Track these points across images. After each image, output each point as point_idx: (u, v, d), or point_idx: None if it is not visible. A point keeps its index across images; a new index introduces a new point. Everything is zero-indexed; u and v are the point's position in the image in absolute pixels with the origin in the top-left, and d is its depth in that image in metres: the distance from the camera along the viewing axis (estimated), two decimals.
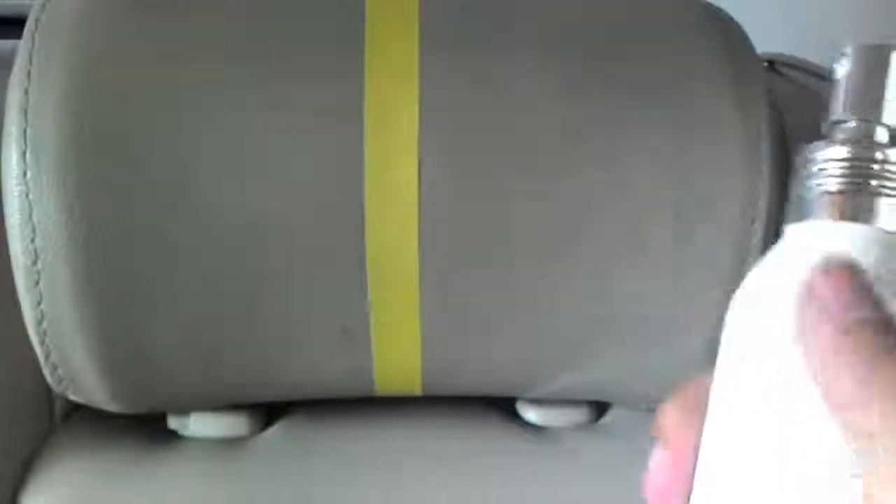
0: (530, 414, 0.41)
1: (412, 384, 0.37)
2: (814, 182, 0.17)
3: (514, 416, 0.42)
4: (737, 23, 0.35)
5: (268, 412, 0.41)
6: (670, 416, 0.19)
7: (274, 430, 0.40)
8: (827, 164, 0.17)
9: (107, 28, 0.31)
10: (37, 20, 0.31)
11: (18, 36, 0.32)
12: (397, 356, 0.35)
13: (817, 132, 0.43)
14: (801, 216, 0.18)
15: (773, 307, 0.17)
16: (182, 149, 0.31)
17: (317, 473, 0.39)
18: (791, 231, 0.18)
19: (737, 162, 0.32)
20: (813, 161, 0.18)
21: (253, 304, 0.33)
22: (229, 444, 0.39)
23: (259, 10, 0.32)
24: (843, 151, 0.17)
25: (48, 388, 0.37)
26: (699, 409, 0.18)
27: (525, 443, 0.40)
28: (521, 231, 0.32)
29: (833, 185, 0.17)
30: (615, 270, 0.33)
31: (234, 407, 0.39)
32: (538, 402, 0.41)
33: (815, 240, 0.17)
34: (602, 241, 0.33)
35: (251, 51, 0.31)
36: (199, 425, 0.39)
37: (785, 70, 0.42)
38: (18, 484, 0.38)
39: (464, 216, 0.32)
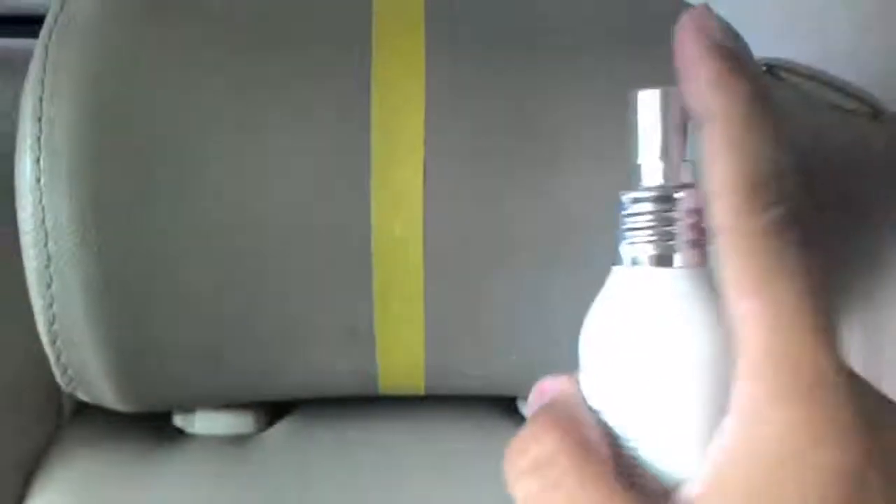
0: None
1: (415, 384, 0.37)
2: (624, 232, 0.19)
3: (516, 415, 0.42)
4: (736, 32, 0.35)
5: (272, 410, 0.41)
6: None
7: (278, 428, 0.41)
8: (630, 218, 0.19)
9: (118, 37, 0.31)
10: (50, 30, 0.31)
11: (28, 35, 0.32)
12: (400, 356, 0.35)
13: (816, 136, 0.44)
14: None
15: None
16: (190, 152, 0.31)
17: (320, 470, 0.39)
18: (616, 273, 0.19)
19: None
20: (622, 209, 0.19)
21: (258, 305, 0.33)
22: (234, 441, 0.40)
23: (267, 14, 0.32)
24: (642, 206, 0.19)
25: (56, 388, 0.37)
26: None
27: None
28: (526, 232, 0.33)
29: (638, 237, 0.19)
30: None
31: (240, 405, 0.40)
32: None
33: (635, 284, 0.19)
34: (608, 244, 0.33)
35: (259, 55, 0.32)
36: (204, 423, 0.40)
37: (783, 74, 0.42)
38: (27, 482, 0.38)
39: (469, 216, 0.33)
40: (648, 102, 0.19)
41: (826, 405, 0.15)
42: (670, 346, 0.17)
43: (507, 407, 0.43)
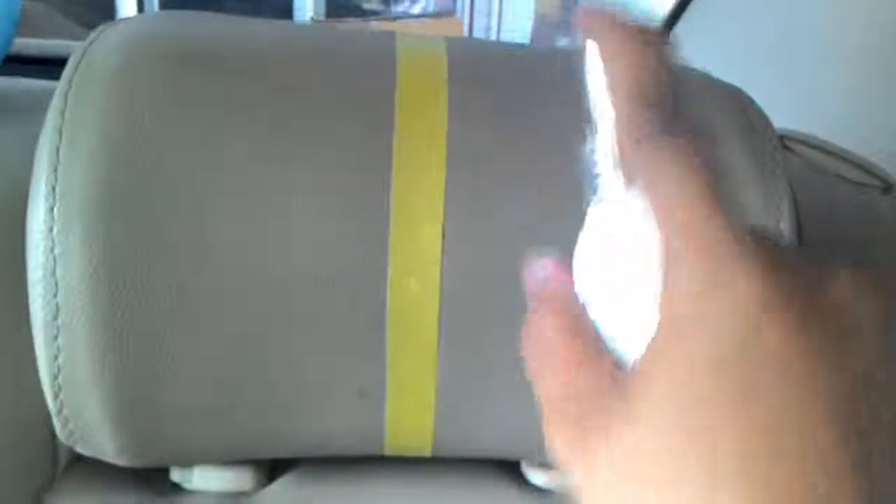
0: (536, 477, 0.41)
1: (422, 445, 0.37)
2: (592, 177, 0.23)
3: (520, 479, 0.42)
4: (760, 109, 0.36)
5: (272, 466, 0.40)
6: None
7: (277, 486, 0.40)
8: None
9: (139, 90, 0.31)
10: (69, 80, 0.31)
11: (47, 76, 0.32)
12: (409, 417, 0.35)
13: (827, 209, 0.44)
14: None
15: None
16: (207, 211, 0.31)
17: None
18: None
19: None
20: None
21: (271, 366, 0.33)
22: (233, 498, 0.39)
23: (290, 75, 0.32)
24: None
25: (52, 438, 0.37)
26: None
27: None
28: None
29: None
30: None
31: (239, 461, 0.39)
32: (544, 465, 0.41)
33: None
34: None
35: (281, 116, 0.32)
36: (202, 479, 0.39)
37: (794, 146, 0.43)
38: None
39: (485, 284, 0.32)
40: (590, 65, 0.22)
41: (723, 259, 0.18)
42: (630, 260, 0.21)
43: (511, 471, 0.42)
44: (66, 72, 0.31)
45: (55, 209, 0.30)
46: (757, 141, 0.34)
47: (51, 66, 0.33)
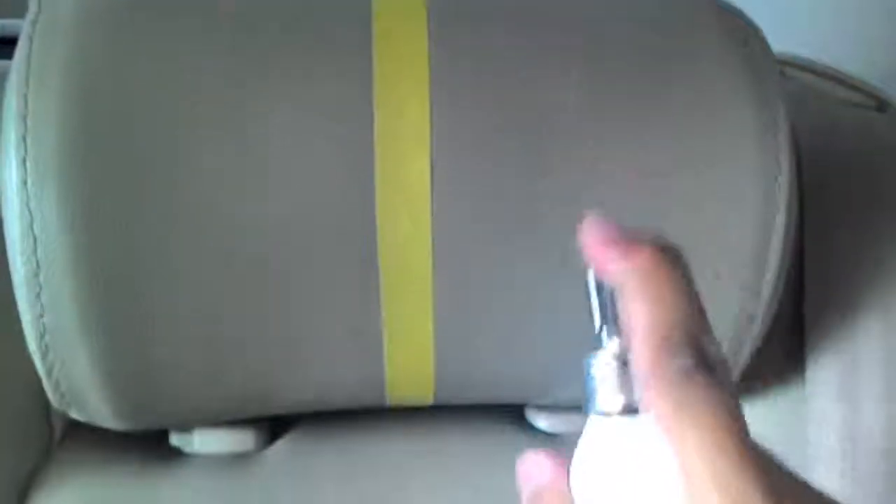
0: (541, 421, 0.41)
1: (424, 393, 0.36)
2: (593, 388, 0.22)
3: (524, 423, 0.41)
4: (759, 31, 0.35)
5: (274, 426, 0.40)
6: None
7: (279, 445, 0.39)
8: (597, 377, 0.22)
9: (105, 30, 0.30)
10: (33, 23, 0.30)
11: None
12: (409, 362, 0.34)
13: (824, 131, 0.43)
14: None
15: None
16: (185, 149, 0.30)
17: (325, 490, 0.38)
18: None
19: (751, 189, 0.33)
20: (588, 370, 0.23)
21: (260, 314, 0.32)
22: (235, 460, 0.38)
23: (266, 11, 0.31)
24: (603, 369, 0.22)
25: (47, 407, 0.36)
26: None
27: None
28: (537, 233, 0.32)
29: (604, 392, 0.22)
30: None
31: (240, 422, 0.38)
32: (548, 408, 0.40)
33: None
34: None
35: (255, 50, 0.31)
36: (203, 442, 0.38)
37: (788, 70, 0.42)
38: None
39: (478, 215, 0.31)
40: (591, 280, 0.23)
41: None
42: (641, 483, 0.20)
43: (516, 416, 0.41)
44: (29, 16, 0.30)
45: (27, 160, 0.29)
46: (757, 71, 0.33)
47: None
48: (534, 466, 0.23)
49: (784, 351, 0.40)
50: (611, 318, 0.22)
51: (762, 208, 0.32)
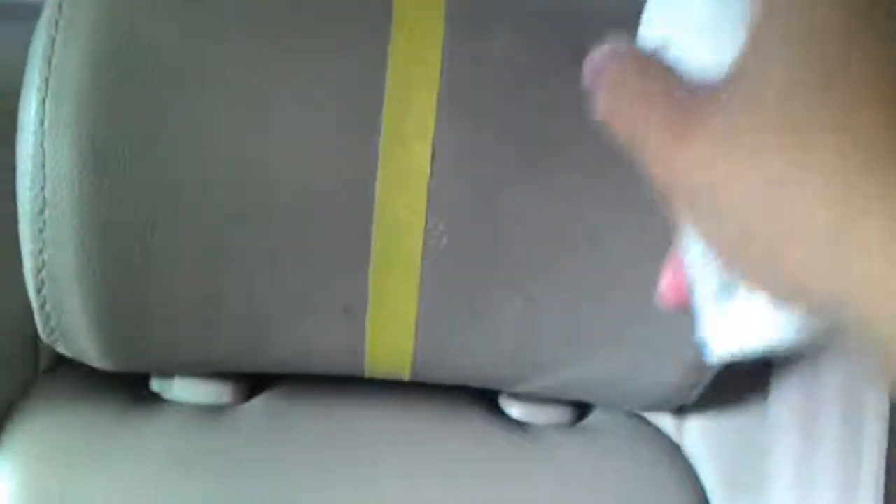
0: (513, 410, 0.42)
1: (401, 368, 0.37)
2: None
3: (497, 410, 0.42)
4: None
5: (253, 383, 0.41)
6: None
7: (256, 402, 0.40)
8: None
9: None
10: None
11: None
12: (391, 338, 0.35)
13: None
14: None
15: None
16: (199, 106, 0.31)
17: (294, 448, 0.39)
18: None
19: None
20: None
21: (254, 272, 0.33)
22: (210, 411, 0.39)
23: None
24: None
25: (35, 339, 0.37)
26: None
27: (505, 437, 0.40)
28: (528, 226, 0.33)
29: None
30: (617, 276, 0.34)
31: (220, 374, 0.39)
32: (521, 397, 0.41)
33: None
34: (608, 246, 0.33)
35: (277, 16, 0.31)
36: (182, 390, 0.39)
37: None
38: None
39: (473, 204, 0.32)
40: None
41: None
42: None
43: (489, 402, 0.42)
44: None
45: (46, 101, 0.29)
46: None
47: None
48: (604, 54, 0.21)
49: (751, 368, 0.41)
50: None
51: None
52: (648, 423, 0.43)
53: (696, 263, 0.21)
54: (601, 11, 0.34)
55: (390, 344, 0.35)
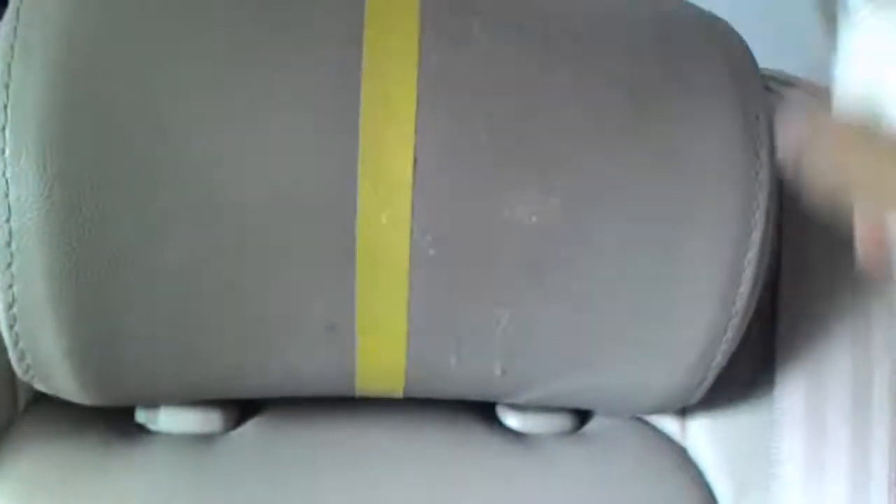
0: (511, 420, 0.41)
1: (394, 385, 0.36)
2: None
3: (495, 422, 0.41)
4: (744, 44, 0.35)
5: (241, 408, 0.39)
6: None
7: (246, 428, 0.39)
8: None
9: (92, 4, 0.30)
10: None
11: None
12: (381, 355, 0.34)
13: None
14: None
15: None
16: (166, 129, 0.29)
17: (288, 475, 0.37)
18: None
19: (732, 198, 0.33)
20: None
21: (233, 297, 0.32)
22: (200, 440, 0.38)
23: None
24: None
25: (11, 377, 0.35)
26: None
27: (504, 449, 0.40)
28: (516, 235, 0.32)
29: None
30: (608, 282, 0.33)
31: (207, 402, 0.38)
32: (519, 408, 0.41)
33: None
34: (597, 251, 0.32)
35: (245, 31, 0.30)
36: (168, 420, 0.38)
37: (775, 85, 0.42)
38: None
39: (458, 215, 0.31)
40: None
41: None
42: None
43: (487, 414, 0.41)
44: None
45: (6, 129, 0.28)
46: (740, 85, 0.33)
47: None
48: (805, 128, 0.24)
49: (754, 363, 0.40)
50: None
51: (740, 222, 0.33)
52: (652, 427, 0.42)
53: None
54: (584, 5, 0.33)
55: (381, 361, 0.34)
